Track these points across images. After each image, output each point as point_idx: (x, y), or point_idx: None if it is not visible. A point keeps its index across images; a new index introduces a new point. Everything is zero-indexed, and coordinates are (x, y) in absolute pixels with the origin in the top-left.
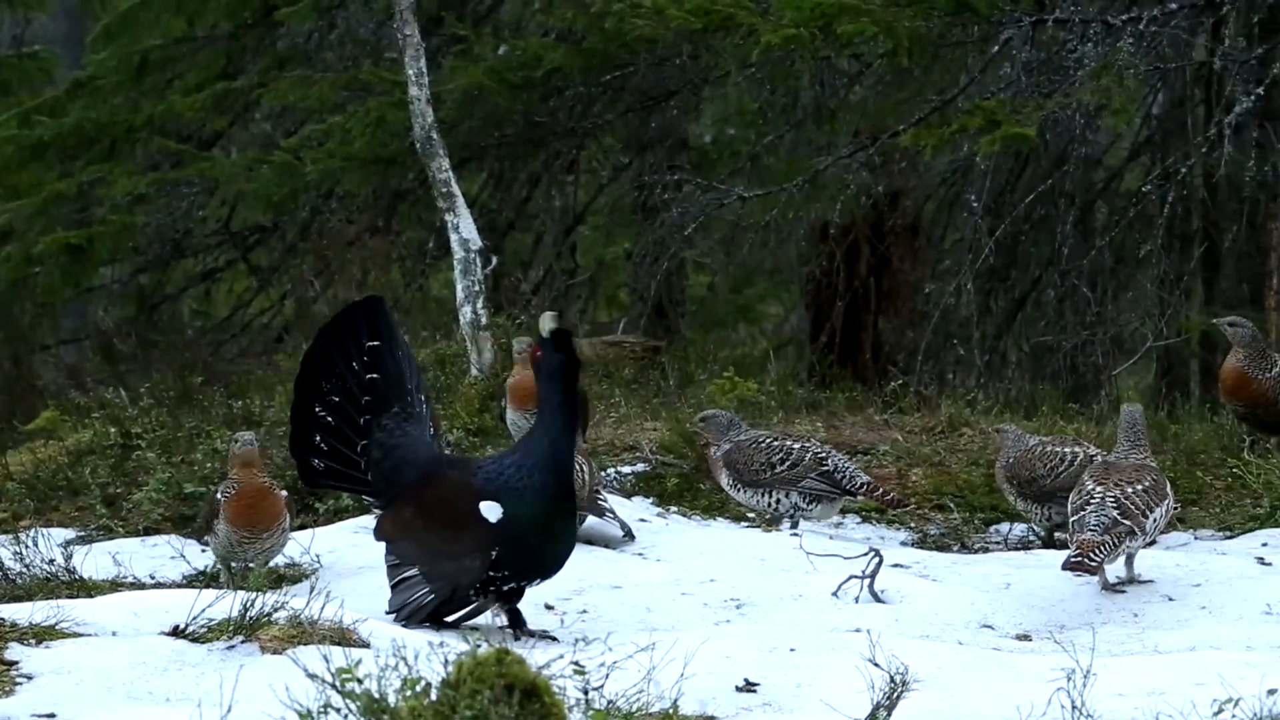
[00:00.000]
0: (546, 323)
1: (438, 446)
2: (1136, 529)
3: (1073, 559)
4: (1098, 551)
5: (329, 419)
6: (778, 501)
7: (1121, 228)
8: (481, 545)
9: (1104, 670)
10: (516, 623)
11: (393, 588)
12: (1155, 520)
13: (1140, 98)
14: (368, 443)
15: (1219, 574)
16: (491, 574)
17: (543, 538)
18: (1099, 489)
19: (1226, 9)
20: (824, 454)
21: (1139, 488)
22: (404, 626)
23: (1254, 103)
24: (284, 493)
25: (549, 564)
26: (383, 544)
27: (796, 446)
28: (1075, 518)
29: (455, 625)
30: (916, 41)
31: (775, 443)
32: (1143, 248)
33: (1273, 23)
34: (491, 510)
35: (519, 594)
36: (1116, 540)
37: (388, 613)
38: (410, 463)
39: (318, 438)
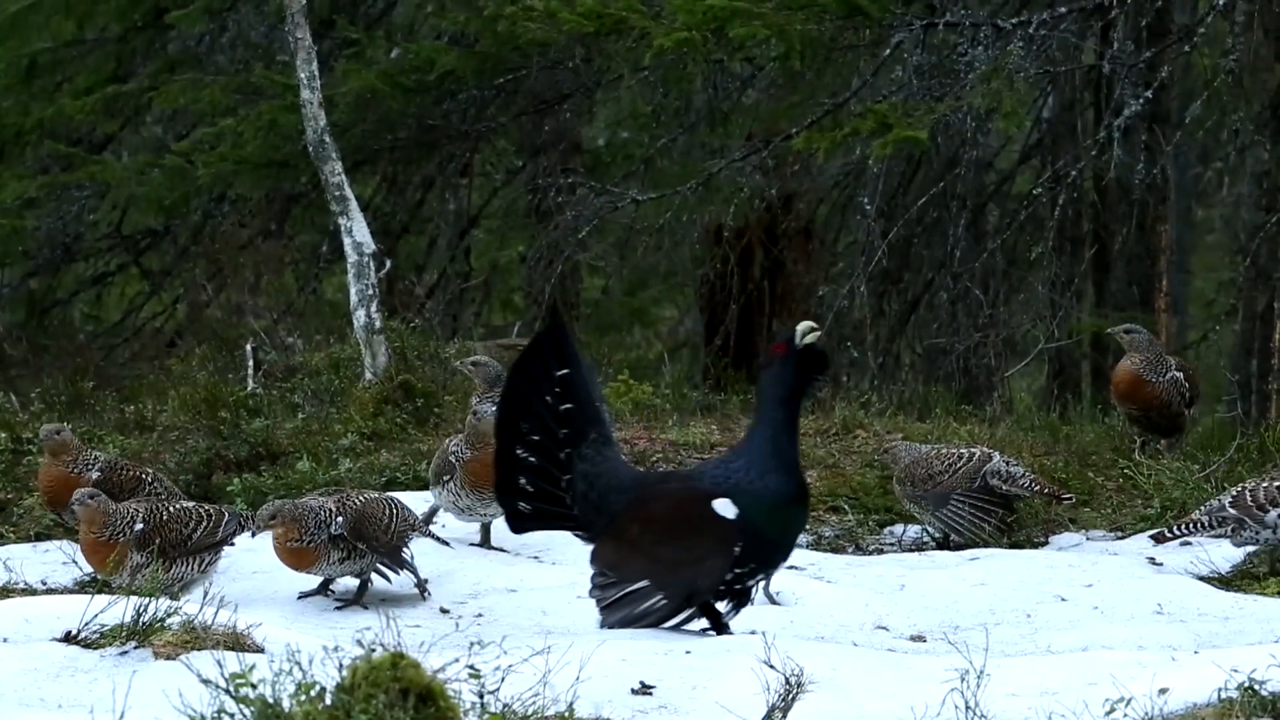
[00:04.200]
0: (806, 335)
1: None
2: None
3: (1155, 530)
4: (1181, 528)
5: (532, 459)
6: None
7: (1013, 230)
8: (723, 543)
9: (997, 670)
10: (719, 626)
11: (606, 606)
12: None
13: (1030, 101)
14: (571, 477)
15: (1111, 574)
16: (737, 570)
17: (780, 530)
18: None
19: (1115, 13)
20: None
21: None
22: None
23: (1142, 106)
24: (95, 473)
25: (787, 549)
26: (592, 569)
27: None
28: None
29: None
30: (809, 45)
31: None
32: (1034, 250)
33: (1161, 26)
34: (727, 507)
35: (749, 594)
36: (1209, 524)
37: (604, 627)
38: (616, 488)
39: (522, 480)
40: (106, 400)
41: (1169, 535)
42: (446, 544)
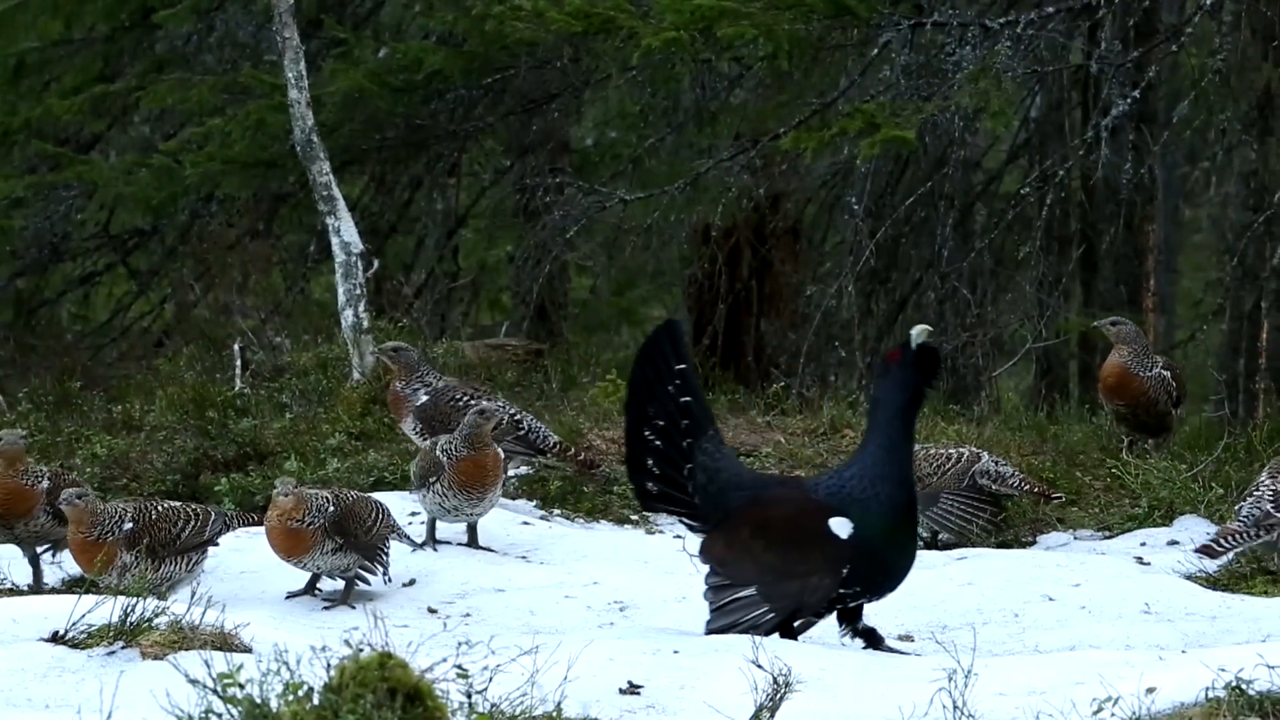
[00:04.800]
0: (920, 336)
1: None
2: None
3: (1203, 544)
4: (1229, 540)
5: (658, 442)
6: None
7: (1000, 230)
8: (832, 563)
9: (985, 670)
10: (874, 641)
11: (716, 609)
12: None
13: (1018, 101)
14: (693, 466)
15: (1098, 573)
16: (841, 591)
17: (892, 550)
18: (1268, 480)
19: (1102, 12)
20: (519, 415)
21: None
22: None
23: (1130, 106)
24: (45, 483)
25: (897, 576)
26: (706, 566)
27: (493, 407)
28: (1237, 507)
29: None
30: (796, 44)
31: (473, 400)
32: (1021, 250)
33: (1148, 26)
34: (842, 526)
35: (860, 611)
36: (1257, 533)
37: (709, 632)
38: (735, 485)
39: (649, 461)
40: (94, 400)
41: (1219, 549)
42: (416, 544)
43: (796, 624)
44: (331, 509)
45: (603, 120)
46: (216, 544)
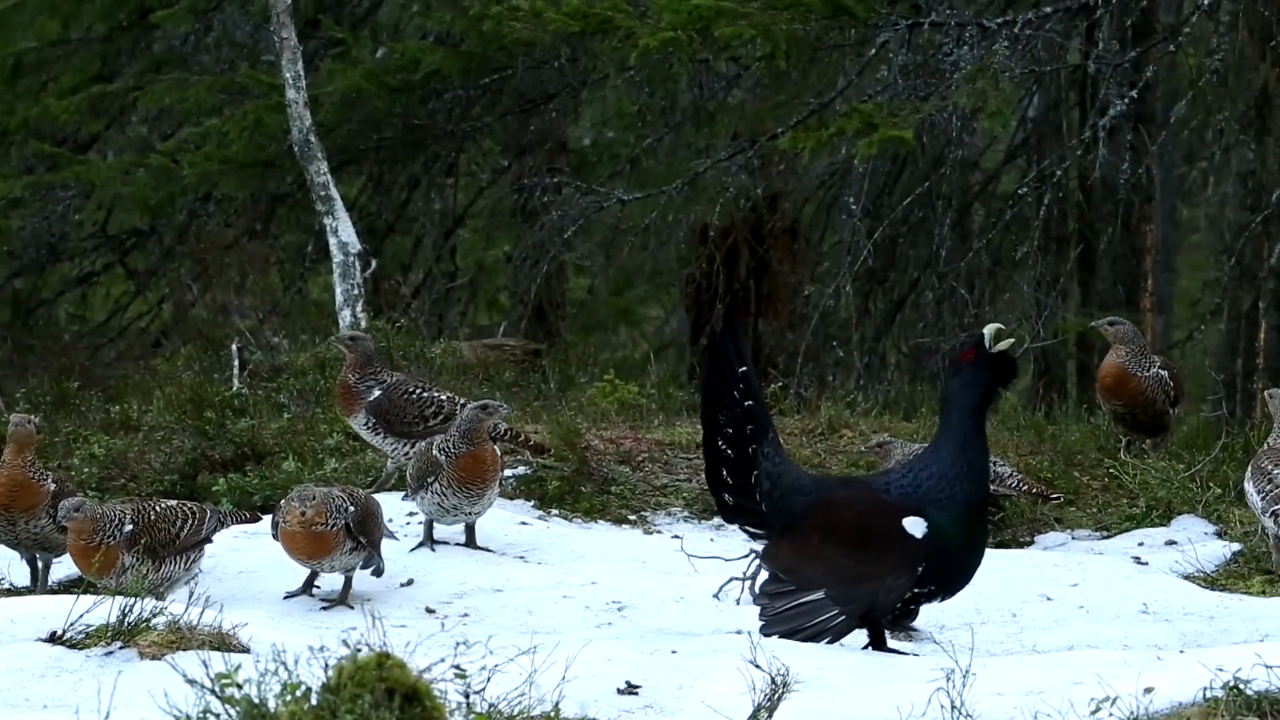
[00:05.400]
0: (998, 341)
1: None
2: None
3: None
4: None
5: (729, 451)
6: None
7: (998, 230)
8: (908, 562)
9: (983, 670)
10: (879, 642)
11: (776, 615)
12: None
13: (1016, 101)
14: (759, 473)
15: (1096, 573)
16: (916, 591)
17: (965, 548)
18: None
19: (1100, 12)
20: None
21: None
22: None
23: (1127, 106)
24: (51, 485)
25: (968, 574)
26: (767, 571)
27: (445, 399)
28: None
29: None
30: (794, 44)
31: (426, 394)
32: (1019, 249)
33: (1146, 26)
34: (916, 525)
35: (918, 612)
36: None
37: (768, 635)
38: (797, 489)
39: (724, 472)
40: (92, 400)
41: None
42: (394, 536)
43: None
44: (351, 509)
45: (600, 120)
46: (211, 541)
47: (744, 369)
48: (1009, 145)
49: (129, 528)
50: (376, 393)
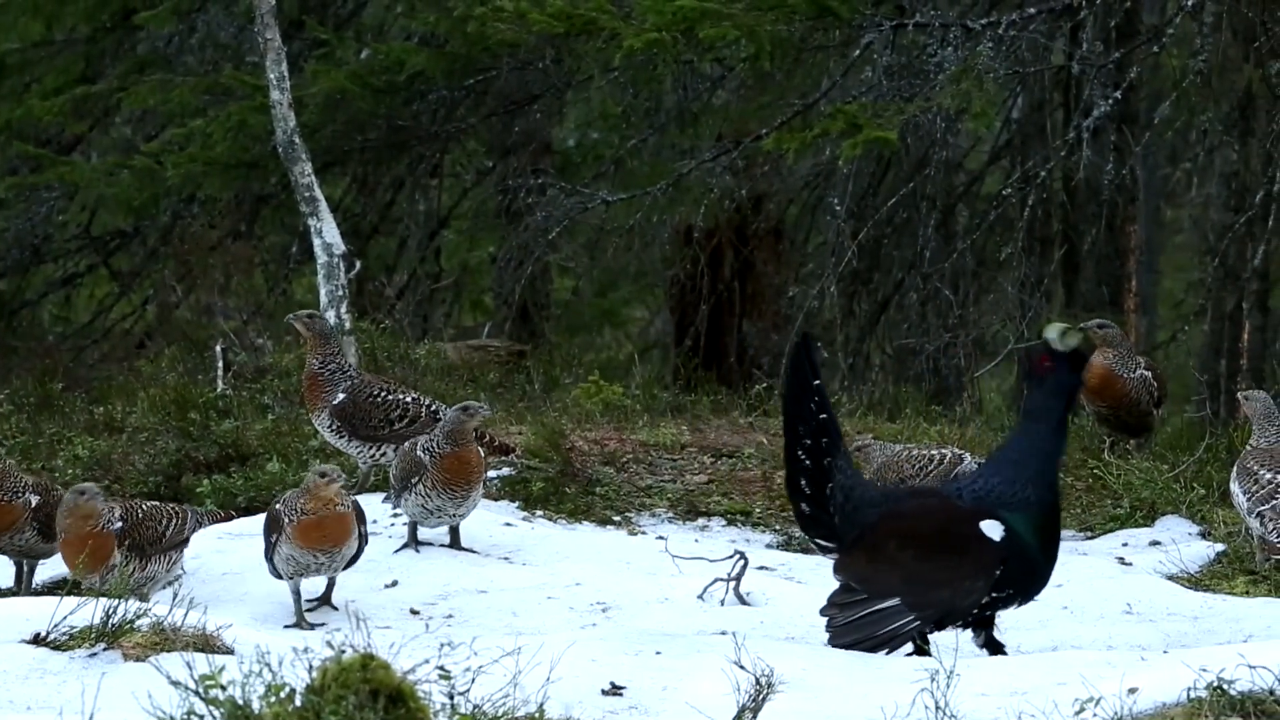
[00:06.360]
0: (1067, 339)
1: None
2: None
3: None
4: None
5: (808, 463)
6: (384, 454)
7: (982, 231)
8: (986, 566)
9: (967, 670)
10: (995, 647)
11: (849, 623)
12: None
13: (1000, 101)
14: (833, 485)
15: (1080, 574)
16: (994, 595)
17: (1041, 552)
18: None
19: (1084, 13)
20: (436, 409)
21: None
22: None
23: (1111, 106)
24: (32, 498)
25: (1045, 577)
26: (838, 579)
27: (410, 401)
28: (1266, 506)
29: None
30: (778, 45)
31: (390, 397)
32: (1003, 250)
33: (1129, 27)
34: (994, 529)
35: (995, 618)
36: None
37: (836, 644)
38: (868, 501)
39: (803, 482)
40: (75, 402)
41: None
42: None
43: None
44: (350, 499)
45: (585, 121)
46: (189, 542)
47: (817, 382)
48: (993, 146)
49: (119, 524)
50: (340, 396)
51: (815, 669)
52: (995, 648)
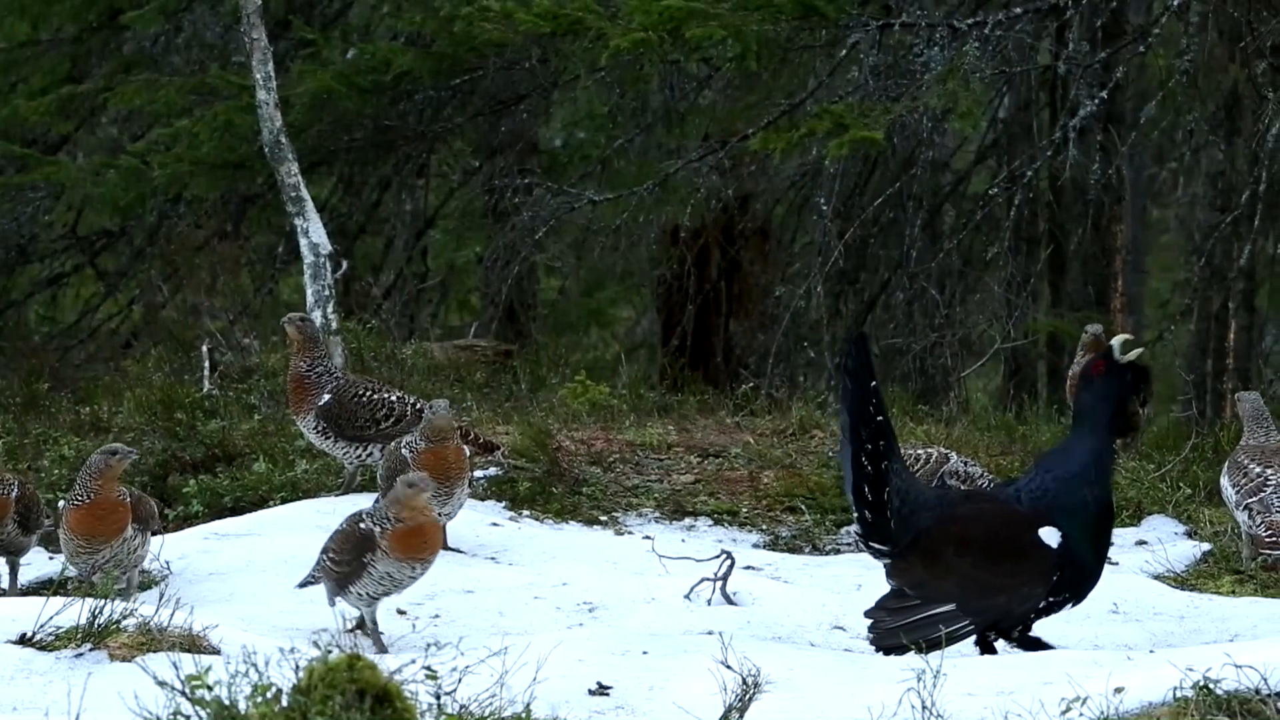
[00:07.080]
0: (1126, 351)
1: None
2: None
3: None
4: None
5: (869, 468)
6: (369, 455)
7: (969, 230)
8: (1044, 572)
9: (954, 670)
10: (1037, 645)
11: (898, 627)
12: None
13: (986, 101)
14: (890, 490)
15: None
16: (1051, 599)
17: (1094, 556)
18: (1270, 471)
19: (1070, 13)
20: (421, 408)
21: None
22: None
23: (1098, 106)
24: (14, 491)
25: (1096, 580)
26: (891, 587)
27: (396, 400)
28: (1254, 499)
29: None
30: (765, 45)
31: (376, 396)
32: (990, 250)
33: (1115, 27)
34: (1052, 535)
35: (1032, 624)
36: None
37: (880, 646)
38: (922, 505)
39: (865, 488)
40: (61, 402)
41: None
42: None
43: (992, 636)
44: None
45: (571, 121)
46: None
47: (874, 384)
48: (979, 146)
49: (127, 498)
50: (326, 397)
51: (802, 669)
52: (1034, 645)
